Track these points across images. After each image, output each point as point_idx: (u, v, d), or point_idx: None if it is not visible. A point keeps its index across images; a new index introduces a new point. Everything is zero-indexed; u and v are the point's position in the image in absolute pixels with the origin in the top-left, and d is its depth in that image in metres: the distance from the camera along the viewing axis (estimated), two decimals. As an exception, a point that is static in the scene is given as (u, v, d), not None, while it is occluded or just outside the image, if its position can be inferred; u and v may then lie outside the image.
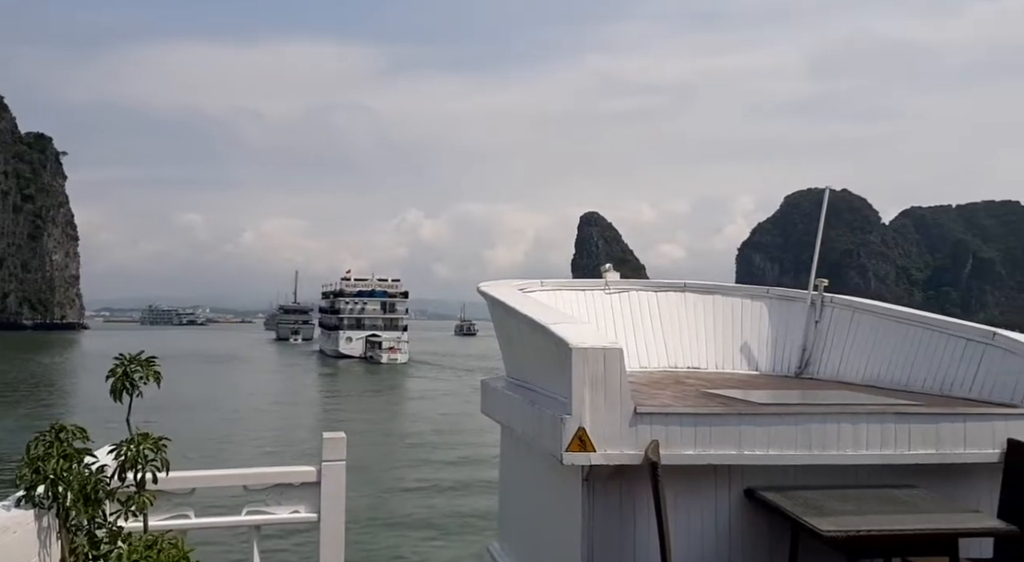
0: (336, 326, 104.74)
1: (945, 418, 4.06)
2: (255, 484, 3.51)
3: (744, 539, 4.02)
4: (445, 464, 26.82)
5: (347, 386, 62.51)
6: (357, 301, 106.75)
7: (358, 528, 18.30)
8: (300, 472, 3.56)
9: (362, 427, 36.31)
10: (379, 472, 25.58)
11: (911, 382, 4.96)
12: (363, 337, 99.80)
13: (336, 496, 3.54)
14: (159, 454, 3.16)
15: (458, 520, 19.38)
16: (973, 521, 3.70)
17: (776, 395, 4.67)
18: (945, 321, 4.91)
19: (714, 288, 6.28)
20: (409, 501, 21.96)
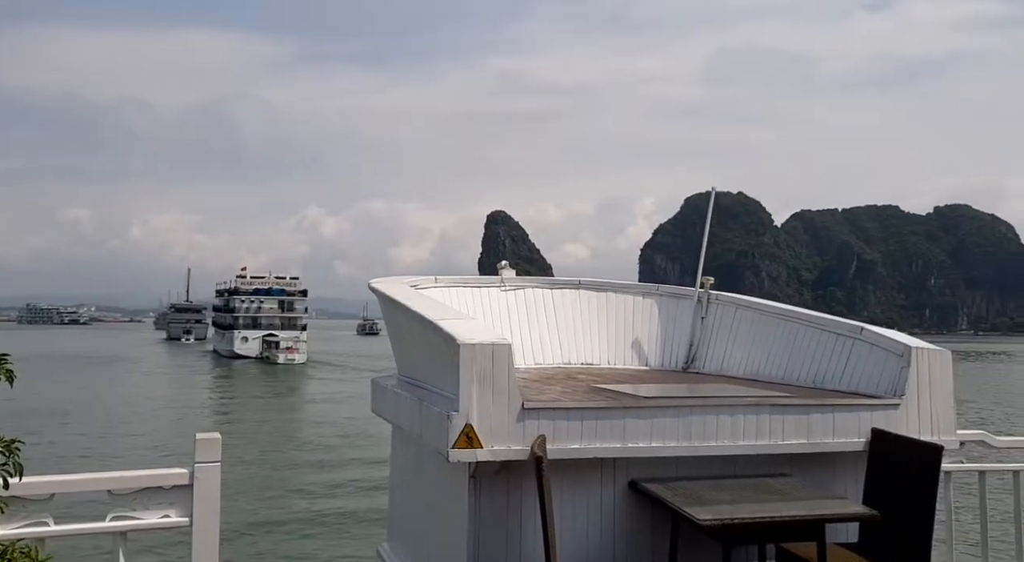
0: (231, 325, 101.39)
1: (816, 409, 4.25)
2: (121, 488, 3.32)
3: (628, 530, 4.10)
4: (344, 466, 26.43)
5: (242, 388, 60.49)
6: (253, 299, 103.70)
7: (246, 532, 17.84)
8: (171, 475, 3.40)
9: (258, 431, 35.33)
10: (274, 476, 24.99)
11: (788, 375, 5.17)
12: (259, 337, 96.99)
13: (210, 499, 3.40)
14: (11, 458, 2.95)
15: (353, 522, 19.16)
16: (839, 507, 3.89)
17: (663, 389, 4.79)
18: (818, 317, 5.15)
19: (607, 285, 6.39)
20: (304, 505, 21.54)
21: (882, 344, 4.55)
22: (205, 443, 3.44)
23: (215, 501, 3.42)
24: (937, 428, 4.34)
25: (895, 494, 4.09)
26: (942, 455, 3.97)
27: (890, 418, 4.30)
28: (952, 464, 4.63)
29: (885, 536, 4.05)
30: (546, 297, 6.21)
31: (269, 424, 38.59)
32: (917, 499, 3.97)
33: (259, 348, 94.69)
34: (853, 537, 4.26)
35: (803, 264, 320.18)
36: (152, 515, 3.36)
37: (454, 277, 6.02)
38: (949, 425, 4.38)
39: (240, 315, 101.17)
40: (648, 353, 6.17)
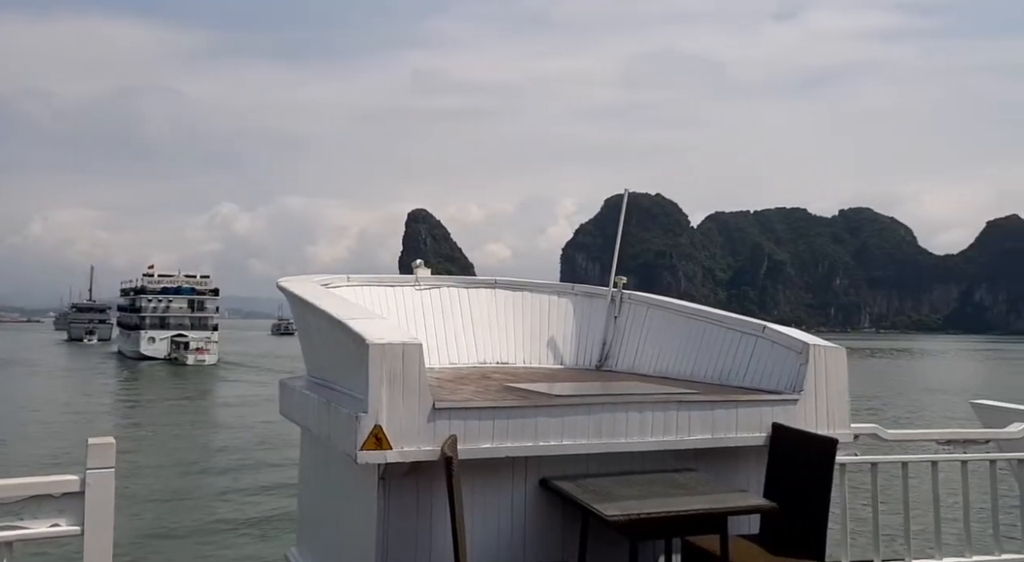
0: (137, 325, 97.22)
1: (720, 405, 4.38)
2: (6, 496, 3.15)
3: (539, 528, 4.13)
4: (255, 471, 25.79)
5: (149, 391, 58.05)
6: (161, 298, 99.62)
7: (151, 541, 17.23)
8: (60, 482, 3.24)
9: (166, 435, 34.08)
10: (184, 483, 24.20)
11: (695, 372, 5.31)
12: (168, 337, 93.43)
13: (103, 507, 3.25)
14: None
15: (263, 526, 18.75)
16: (740, 500, 4.02)
17: (575, 387, 4.84)
18: (723, 316, 5.30)
19: (523, 285, 6.42)
20: (213, 511, 20.94)
21: (782, 342, 4.71)
22: (98, 448, 3.29)
23: (108, 509, 3.27)
24: (833, 422, 4.52)
25: (793, 486, 4.25)
26: (836, 448, 4.15)
27: (789, 413, 4.45)
28: (846, 456, 4.84)
29: (784, 527, 4.20)
30: (461, 296, 6.19)
31: (178, 428, 37.27)
32: (813, 490, 4.13)
33: (167, 349, 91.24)
34: (755, 529, 4.40)
35: (718, 264, 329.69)
36: (41, 524, 3.20)
37: (367, 276, 5.93)
38: (844, 419, 4.57)
39: (147, 315, 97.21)
40: (563, 352, 6.24)
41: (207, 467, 27.35)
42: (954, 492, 5.22)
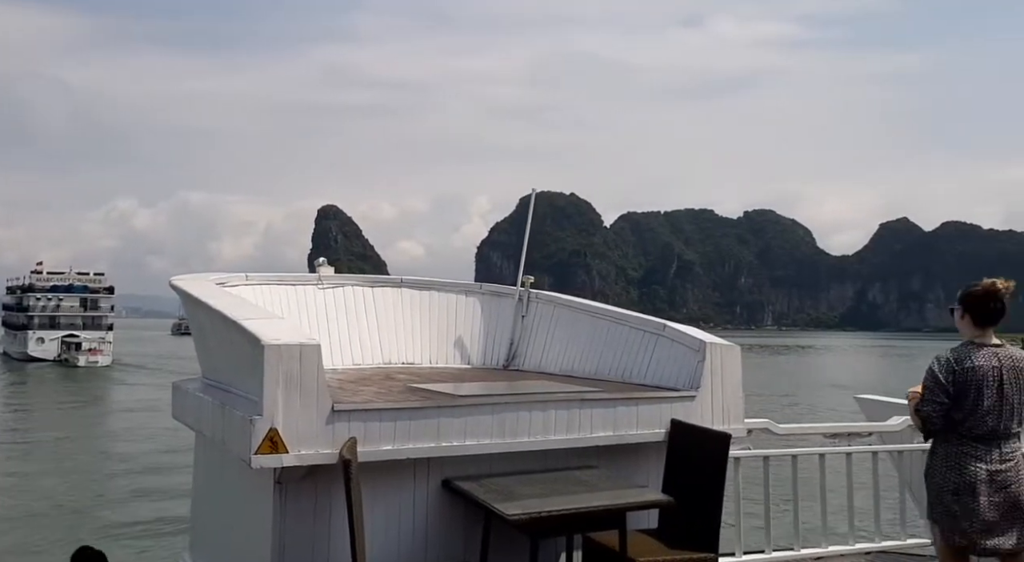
0: (24, 325, 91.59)
1: (622, 403, 4.46)
2: None
3: (441, 529, 4.12)
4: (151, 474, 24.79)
5: (37, 395, 54.77)
6: (51, 297, 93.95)
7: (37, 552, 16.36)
8: None
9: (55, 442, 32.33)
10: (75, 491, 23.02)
11: (599, 370, 5.40)
12: (58, 338, 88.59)
13: None
14: None
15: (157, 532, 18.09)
16: (638, 496, 4.10)
17: (481, 387, 4.85)
18: (626, 315, 5.42)
19: (430, 284, 6.38)
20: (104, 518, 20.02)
21: (681, 340, 4.84)
22: None
23: None
24: (728, 418, 4.67)
25: (690, 480, 4.37)
26: (730, 443, 4.29)
27: (687, 409, 4.58)
28: (740, 451, 5.01)
29: (681, 520, 4.32)
30: (366, 296, 6.11)
31: (68, 432, 35.39)
32: (708, 484, 4.26)
33: (57, 350, 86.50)
34: (654, 523, 4.51)
35: (630, 263, 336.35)
36: None
37: (267, 274, 5.77)
38: (738, 415, 4.73)
39: (35, 314, 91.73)
40: (470, 352, 6.23)
41: (100, 476, 26.11)
42: (859, 483, 5.47)
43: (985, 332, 3.94)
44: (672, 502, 4.08)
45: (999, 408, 3.79)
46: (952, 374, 3.84)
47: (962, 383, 3.82)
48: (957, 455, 3.85)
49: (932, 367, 3.91)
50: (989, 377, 3.80)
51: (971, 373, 3.81)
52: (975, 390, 3.80)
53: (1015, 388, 3.82)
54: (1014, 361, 3.86)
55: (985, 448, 3.81)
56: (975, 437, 3.83)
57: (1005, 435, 3.83)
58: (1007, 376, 3.82)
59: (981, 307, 3.94)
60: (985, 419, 3.80)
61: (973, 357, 3.85)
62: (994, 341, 3.93)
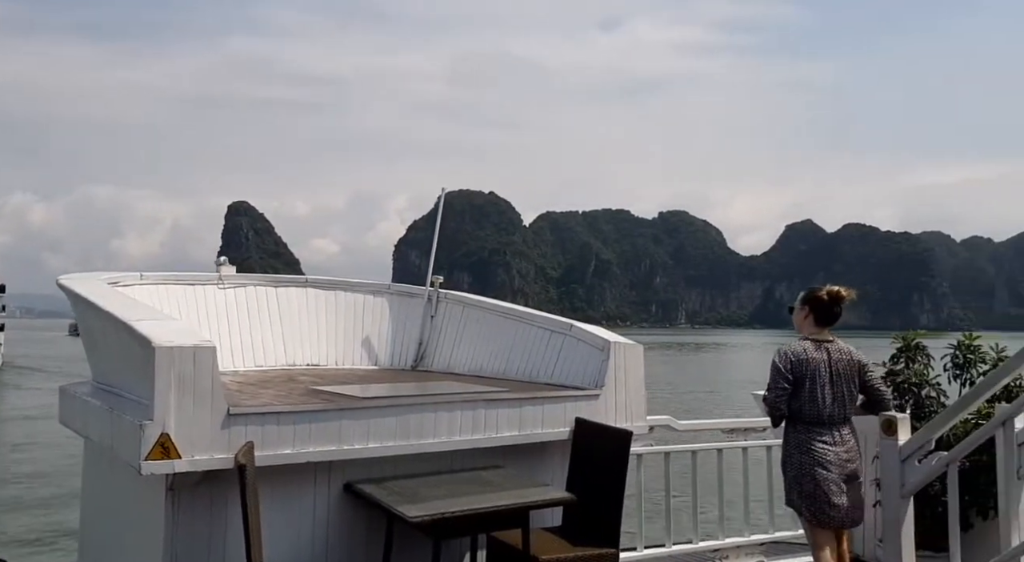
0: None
1: (527, 402, 4.50)
2: None
3: (342, 533, 4.07)
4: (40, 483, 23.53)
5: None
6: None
7: None
8: None
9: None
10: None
11: (507, 370, 5.43)
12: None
13: None
14: None
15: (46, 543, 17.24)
16: (541, 494, 4.14)
17: (388, 388, 4.81)
18: (534, 315, 5.47)
19: (337, 283, 6.29)
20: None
21: (587, 339, 4.92)
22: None
23: None
24: (630, 415, 4.77)
25: (592, 478, 4.45)
26: (631, 439, 4.38)
27: (592, 408, 4.66)
28: (642, 448, 5.12)
29: (583, 517, 4.40)
30: (269, 295, 5.97)
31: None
32: (610, 481, 4.34)
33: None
34: (559, 521, 4.57)
35: (549, 262, 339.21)
36: None
37: (164, 273, 5.57)
38: (640, 412, 4.84)
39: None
40: (378, 352, 6.17)
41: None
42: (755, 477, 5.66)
43: (822, 331, 4.45)
44: (574, 499, 4.14)
45: (832, 396, 4.28)
46: (791, 365, 4.31)
47: (800, 374, 4.29)
48: (804, 441, 4.30)
49: (775, 359, 4.37)
50: (822, 369, 4.30)
51: (807, 365, 4.30)
52: (810, 380, 4.29)
53: (844, 379, 4.32)
54: (843, 355, 4.38)
55: (827, 432, 4.28)
56: (817, 423, 4.29)
57: (840, 420, 4.32)
58: (837, 368, 4.32)
59: (825, 310, 4.44)
60: (822, 407, 4.28)
61: (809, 351, 4.34)
62: (828, 338, 4.43)
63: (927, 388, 5.46)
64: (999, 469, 3.69)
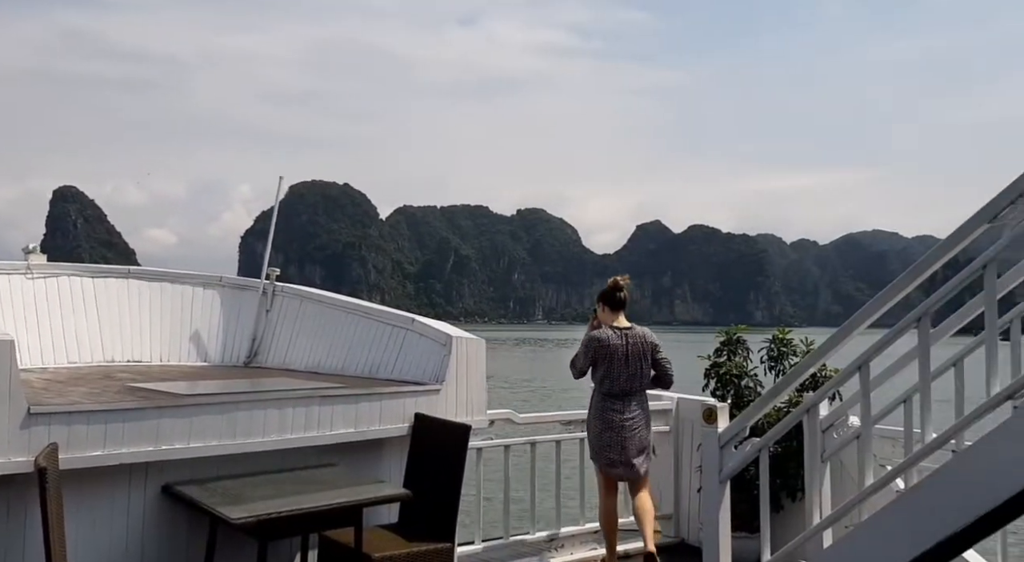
0: None
1: (364, 398, 4.43)
2: None
3: (161, 537, 3.85)
4: None
5: None
6: None
7: None
8: None
9: None
10: None
11: (347, 367, 5.32)
12: None
13: None
14: None
15: None
16: (375, 491, 4.09)
17: (219, 385, 4.60)
18: (375, 309, 5.38)
19: (162, 275, 5.93)
20: None
21: (429, 334, 4.90)
22: None
23: None
24: (471, 409, 4.80)
25: (430, 473, 4.44)
26: (469, 434, 4.40)
27: (432, 403, 4.64)
28: (482, 441, 5.16)
29: (420, 513, 4.38)
30: (86, 287, 5.54)
31: None
32: (447, 476, 4.35)
33: None
34: (396, 518, 4.53)
35: (406, 257, 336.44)
36: None
37: None
38: (481, 406, 4.87)
39: None
40: (208, 348, 5.88)
41: None
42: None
43: (617, 317, 5.34)
44: (409, 495, 4.11)
45: (627, 374, 5.17)
46: (593, 349, 5.23)
47: (600, 355, 5.20)
48: (602, 409, 5.20)
49: (583, 341, 5.29)
50: (619, 352, 5.18)
51: (607, 349, 5.19)
52: (609, 361, 5.17)
53: (638, 358, 5.22)
54: (639, 338, 5.26)
55: (620, 402, 5.18)
56: (612, 395, 5.20)
57: (631, 392, 5.22)
58: (632, 350, 5.21)
59: (611, 298, 5.38)
60: (617, 381, 5.17)
61: (611, 338, 5.22)
62: (627, 325, 5.31)
63: (746, 379, 5.84)
64: (806, 453, 3.97)
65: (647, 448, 5.31)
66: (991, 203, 3.21)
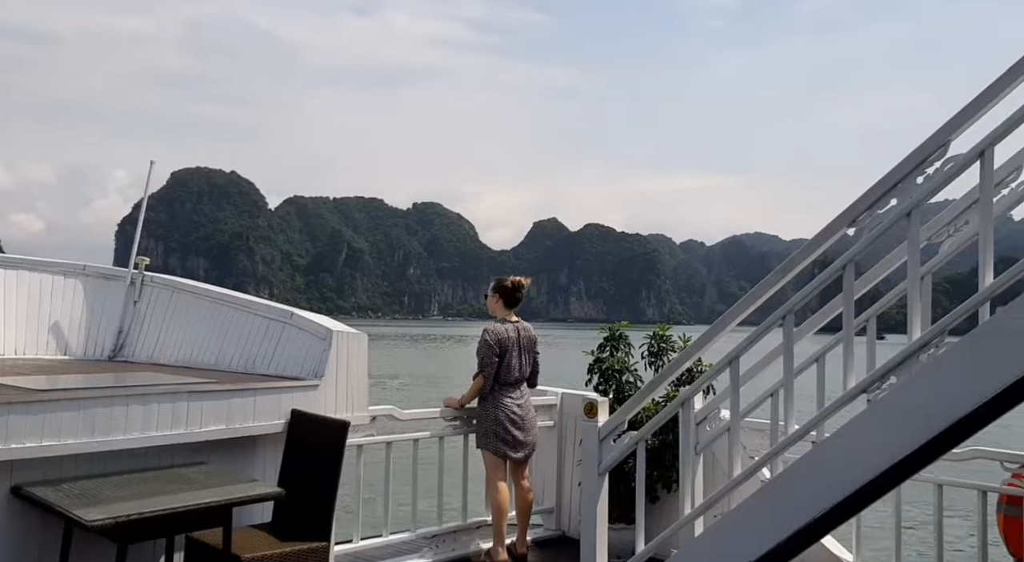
0: None
1: (237, 394, 4.26)
2: None
3: (10, 543, 3.58)
4: None
5: None
6: None
7: None
8: None
9: None
10: None
11: (221, 361, 5.10)
12: None
13: None
14: None
15: None
16: (246, 490, 3.93)
17: (80, 379, 4.32)
18: (250, 301, 5.18)
19: (19, 262, 5.52)
20: None
21: (308, 328, 4.76)
22: None
23: None
24: (352, 405, 4.69)
25: (307, 471, 4.32)
26: (348, 430, 4.30)
27: (310, 399, 4.52)
28: (363, 438, 5.06)
29: (296, 512, 4.25)
30: None
31: None
32: (324, 473, 4.23)
33: None
34: (269, 517, 4.38)
35: (297, 250, 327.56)
36: None
37: None
38: (362, 402, 4.78)
39: None
40: (69, 341, 5.51)
41: None
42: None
43: (510, 313, 5.67)
44: (283, 494, 3.98)
45: (519, 365, 5.53)
46: (497, 342, 5.49)
47: (502, 349, 5.47)
48: (498, 397, 5.49)
49: (486, 339, 5.50)
50: (513, 343, 5.52)
51: (506, 342, 5.50)
52: (507, 354, 5.48)
53: (526, 350, 5.60)
54: (525, 332, 5.62)
55: (514, 390, 5.53)
56: (508, 384, 5.51)
57: (521, 381, 5.58)
58: (523, 343, 5.57)
59: (511, 296, 5.69)
60: (512, 372, 5.50)
61: (508, 331, 5.55)
62: (514, 319, 5.67)
63: (627, 374, 5.97)
64: (680, 445, 4.10)
65: (535, 431, 5.70)
66: (850, 208, 3.40)
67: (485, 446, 5.50)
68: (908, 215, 3.24)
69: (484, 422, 5.51)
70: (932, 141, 3.17)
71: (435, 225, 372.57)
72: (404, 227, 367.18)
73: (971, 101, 3.05)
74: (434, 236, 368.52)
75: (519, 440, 5.49)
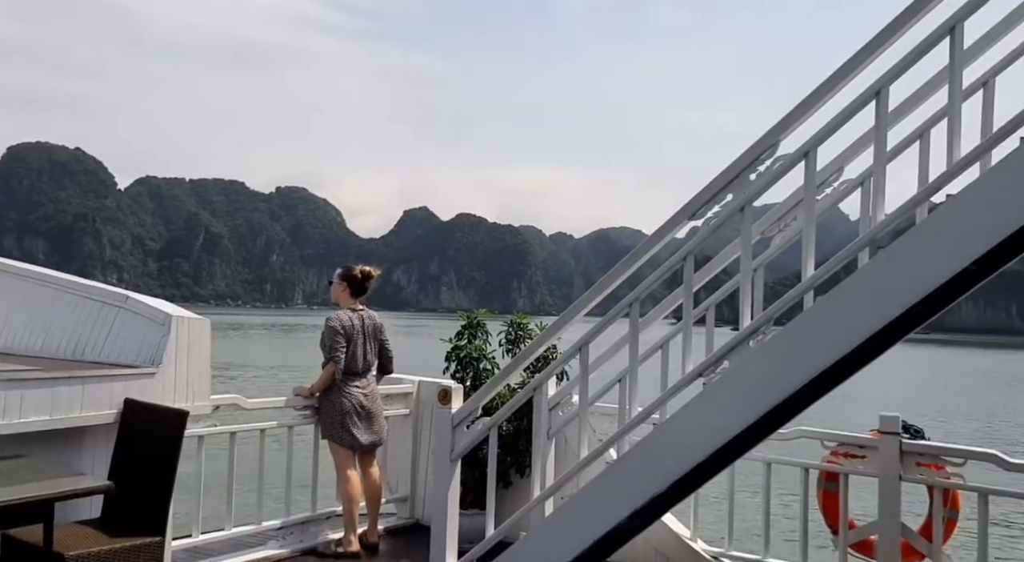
0: None
1: (63, 382, 3.99)
2: None
3: None
4: None
5: None
6: None
7: None
8: None
9: None
10: None
11: (47, 347, 4.75)
12: None
13: None
14: None
15: None
16: (70, 484, 3.68)
17: None
18: (81, 284, 4.84)
19: None
20: None
21: (145, 313, 4.51)
22: None
23: None
24: (192, 394, 4.49)
25: (141, 462, 4.10)
26: (186, 420, 4.10)
27: (146, 387, 4.29)
28: (205, 428, 4.85)
29: (128, 506, 4.02)
30: None
31: None
32: (159, 465, 4.03)
33: None
34: (98, 512, 4.12)
35: (149, 233, 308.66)
36: None
37: None
38: (204, 391, 4.57)
39: None
40: None
41: None
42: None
43: (355, 302, 5.64)
44: (111, 487, 3.76)
45: (364, 353, 5.51)
46: (343, 329, 5.45)
47: (348, 336, 5.44)
48: (345, 386, 5.43)
49: (334, 326, 5.44)
50: (359, 331, 5.51)
51: (352, 329, 5.47)
52: (353, 342, 5.46)
53: (372, 338, 5.59)
54: (371, 320, 5.62)
55: (359, 379, 5.51)
56: (354, 373, 5.48)
57: (367, 370, 5.58)
58: (367, 331, 5.57)
59: (359, 285, 5.68)
60: (359, 361, 5.49)
61: (353, 319, 5.52)
62: (360, 307, 5.64)
63: (484, 361, 6.01)
64: (534, 430, 4.17)
65: (383, 420, 5.69)
66: (689, 203, 3.56)
67: (332, 437, 5.43)
68: (741, 211, 3.43)
69: (330, 413, 5.42)
70: (763, 141, 3.37)
71: (300, 210, 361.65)
72: (267, 212, 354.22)
73: (798, 104, 3.26)
74: (298, 222, 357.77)
75: (366, 429, 5.45)
